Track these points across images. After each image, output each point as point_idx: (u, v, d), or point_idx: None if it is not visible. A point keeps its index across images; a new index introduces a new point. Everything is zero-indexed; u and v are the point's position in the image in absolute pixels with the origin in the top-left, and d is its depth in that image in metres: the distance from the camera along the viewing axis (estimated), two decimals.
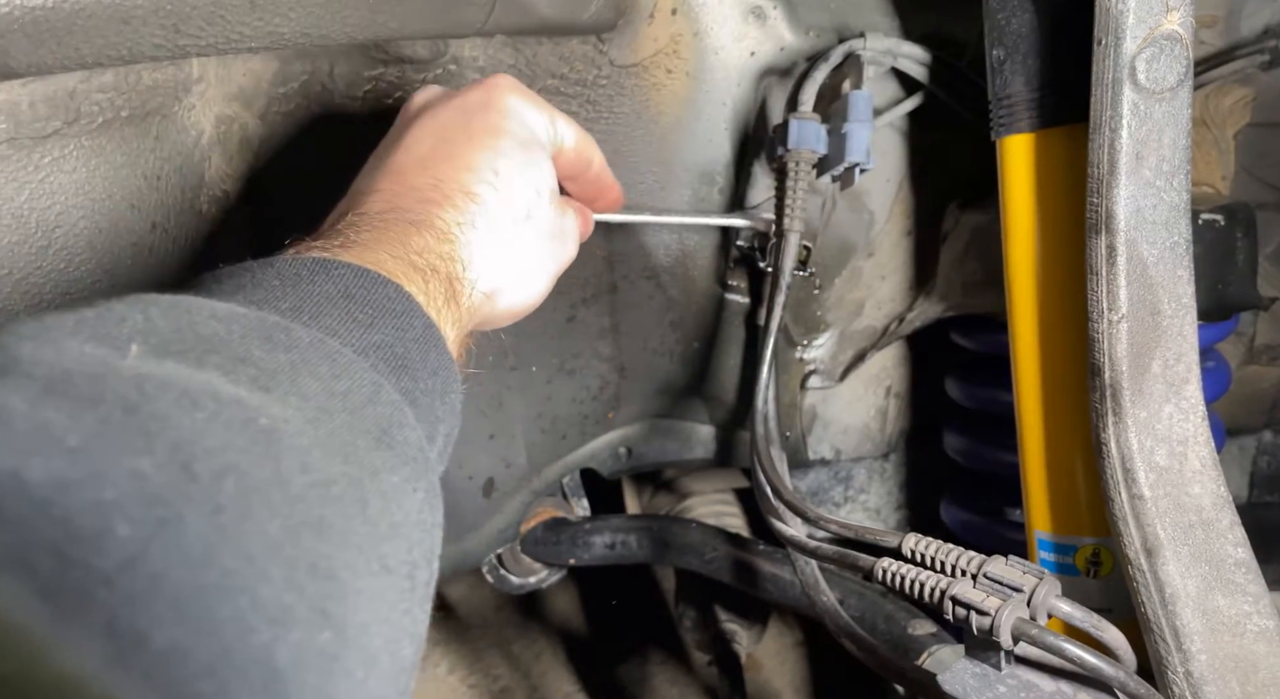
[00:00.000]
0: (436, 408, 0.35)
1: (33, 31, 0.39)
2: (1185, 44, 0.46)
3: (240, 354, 0.28)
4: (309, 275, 0.35)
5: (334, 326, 0.33)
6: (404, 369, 0.34)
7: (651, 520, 0.84)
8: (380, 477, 0.29)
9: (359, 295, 0.34)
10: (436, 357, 0.36)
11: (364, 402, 0.30)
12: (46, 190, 0.47)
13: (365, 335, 0.33)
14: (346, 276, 0.35)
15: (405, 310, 0.35)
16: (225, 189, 0.59)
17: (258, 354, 0.29)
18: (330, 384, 0.30)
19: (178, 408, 0.24)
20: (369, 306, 0.34)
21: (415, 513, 0.30)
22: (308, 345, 0.30)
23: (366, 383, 0.31)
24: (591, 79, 0.65)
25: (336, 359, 0.31)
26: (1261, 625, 0.48)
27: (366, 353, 0.33)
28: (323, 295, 0.34)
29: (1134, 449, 0.48)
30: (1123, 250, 0.47)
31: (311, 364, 0.30)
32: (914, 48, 0.66)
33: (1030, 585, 0.42)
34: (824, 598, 0.62)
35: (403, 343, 0.34)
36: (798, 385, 0.80)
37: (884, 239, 0.76)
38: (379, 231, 0.39)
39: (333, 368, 0.30)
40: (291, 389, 0.28)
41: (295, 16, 0.47)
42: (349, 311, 0.34)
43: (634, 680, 1.16)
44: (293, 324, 0.31)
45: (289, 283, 0.34)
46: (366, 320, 0.34)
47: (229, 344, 0.28)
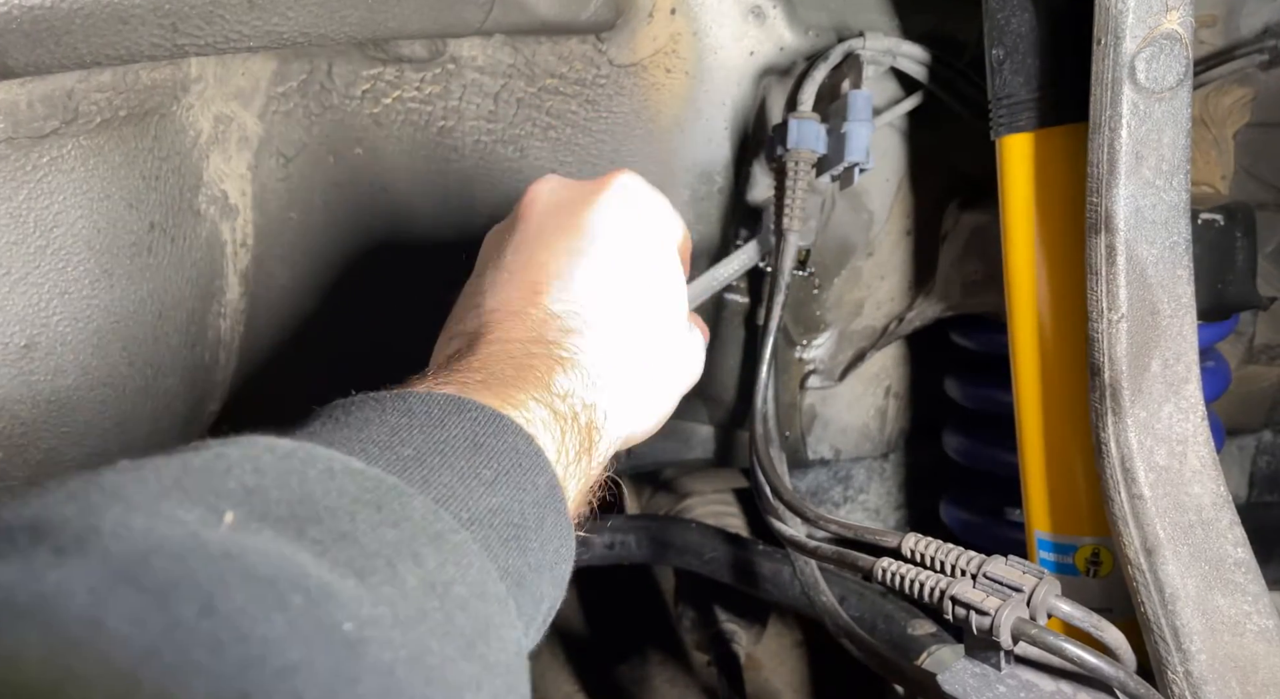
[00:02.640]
0: (544, 585, 0.34)
1: (31, 31, 0.39)
2: (1185, 44, 0.46)
3: (344, 529, 0.27)
4: (439, 416, 0.33)
5: (453, 485, 0.31)
6: (516, 541, 0.32)
7: (651, 520, 0.84)
8: (464, 694, 0.27)
9: (487, 445, 0.33)
10: (554, 521, 0.34)
11: (464, 599, 0.28)
12: (45, 190, 0.47)
13: (484, 498, 0.31)
14: (479, 422, 0.33)
15: (532, 466, 0.34)
16: (224, 188, 0.59)
17: (362, 528, 0.27)
18: (433, 574, 0.28)
19: (258, 607, 0.23)
20: (495, 460, 0.33)
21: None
22: (418, 522, 0.28)
23: (472, 576, 0.29)
24: (590, 78, 0.65)
25: (443, 542, 0.29)
26: (1261, 625, 0.48)
27: (480, 522, 0.31)
28: (450, 443, 0.32)
29: (1133, 449, 0.48)
30: (1122, 250, 0.47)
31: (417, 547, 0.28)
32: (913, 47, 0.66)
33: (1030, 585, 0.42)
34: (823, 598, 0.62)
35: (521, 507, 0.33)
36: (797, 385, 0.80)
37: (883, 239, 0.76)
38: (522, 367, 0.37)
39: (439, 553, 0.28)
40: (389, 577, 0.26)
41: (294, 16, 0.47)
42: (473, 466, 0.32)
43: (633, 680, 1.16)
44: (409, 491, 0.29)
45: (418, 424, 0.32)
46: (490, 478, 0.32)
47: (335, 513, 0.27)
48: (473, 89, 0.63)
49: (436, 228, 0.67)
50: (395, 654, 0.25)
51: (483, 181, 0.65)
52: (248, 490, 0.26)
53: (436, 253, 0.66)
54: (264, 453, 0.28)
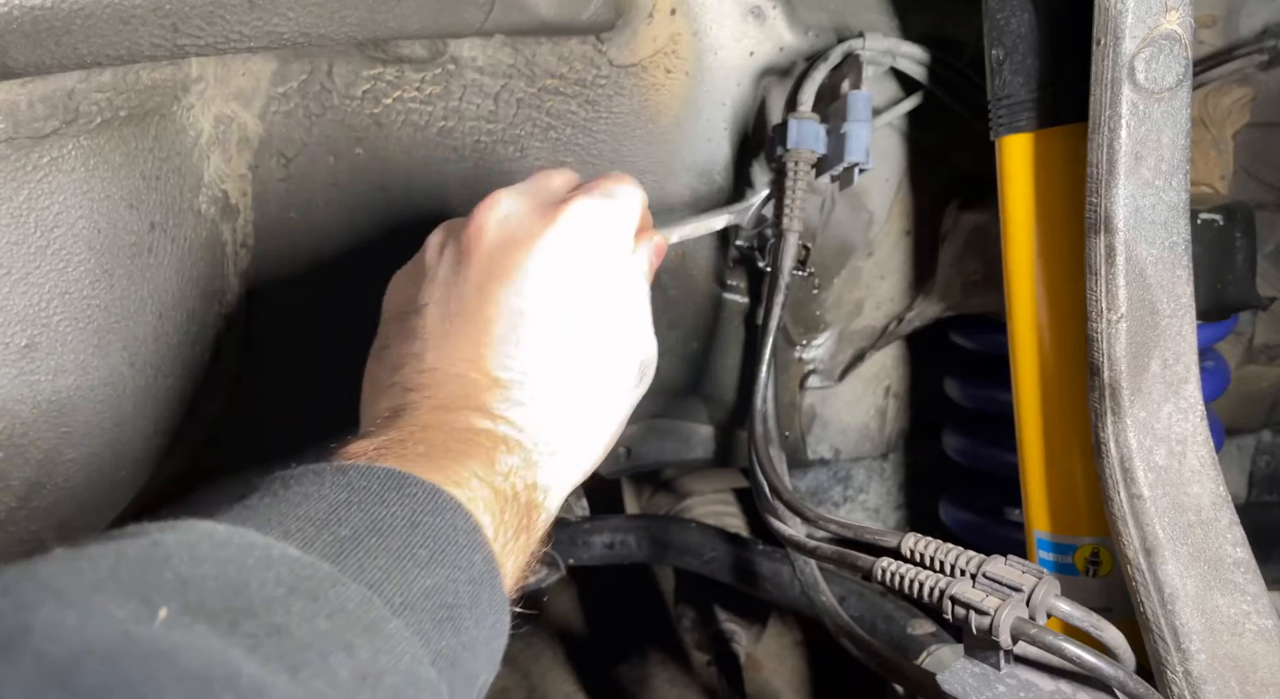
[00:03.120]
0: (479, 662, 0.34)
1: (31, 31, 0.39)
2: (1184, 44, 0.46)
3: (278, 622, 0.27)
4: (379, 493, 0.33)
5: (388, 568, 0.31)
6: (450, 621, 0.32)
7: (650, 520, 0.84)
8: None
9: (424, 524, 0.33)
10: (489, 598, 0.35)
11: (397, 688, 0.29)
12: (45, 190, 0.47)
13: (419, 579, 0.32)
14: (418, 500, 0.34)
15: (468, 544, 0.34)
16: (224, 188, 0.59)
17: (296, 621, 0.27)
18: (366, 665, 0.28)
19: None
20: (432, 539, 0.33)
21: None
22: (352, 612, 0.29)
23: (404, 665, 0.29)
24: (591, 79, 0.65)
25: (376, 633, 0.29)
26: (1260, 625, 0.48)
27: (413, 606, 0.31)
28: (388, 522, 0.32)
29: (1133, 449, 0.48)
30: (1121, 250, 0.47)
31: (350, 637, 0.28)
32: (913, 47, 0.66)
33: (1029, 585, 0.42)
34: (823, 598, 0.62)
35: (455, 586, 0.33)
36: (797, 385, 0.80)
37: (883, 239, 0.76)
38: (466, 441, 0.37)
39: (372, 644, 0.29)
40: (320, 670, 0.27)
41: (294, 16, 0.47)
42: (409, 546, 0.32)
43: (633, 680, 1.16)
44: (343, 580, 0.29)
45: (357, 501, 0.33)
46: (425, 558, 0.32)
47: (270, 604, 0.27)
48: (473, 89, 0.63)
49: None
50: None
51: (483, 182, 0.65)
52: (183, 582, 0.26)
53: None
54: (201, 540, 0.28)
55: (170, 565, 0.26)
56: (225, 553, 0.28)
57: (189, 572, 0.26)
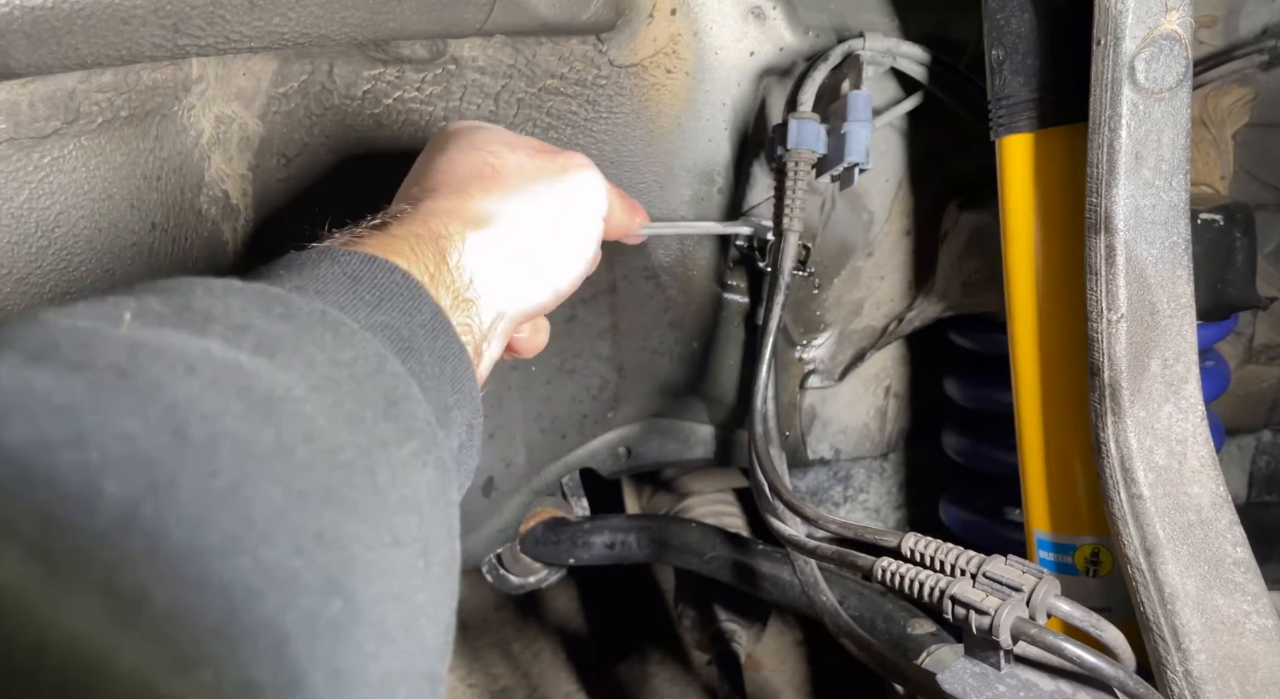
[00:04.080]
0: (446, 394, 0.34)
1: (32, 31, 0.39)
2: (1184, 44, 0.46)
3: (240, 322, 0.27)
4: (314, 261, 0.34)
5: (339, 303, 0.32)
6: (410, 351, 0.33)
7: (651, 520, 0.84)
8: (389, 448, 0.28)
9: (366, 278, 0.34)
10: (445, 343, 0.35)
11: (370, 372, 0.29)
12: (46, 190, 0.47)
13: (370, 315, 0.33)
14: (354, 262, 0.34)
15: (413, 295, 0.35)
16: (225, 189, 0.59)
17: (259, 323, 0.28)
18: (334, 353, 0.29)
19: (172, 373, 0.24)
20: (375, 289, 0.34)
21: (425, 487, 0.29)
22: (309, 315, 0.30)
23: (371, 353, 0.30)
24: (591, 79, 0.65)
25: (340, 330, 0.30)
26: (1260, 625, 0.48)
27: (371, 331, 0.32)
28: (328, 277, 0.33)
29: (1133, 449, 0.48)
30: (1122, 250, 0.47)
31: (314, 333, 0.29)
32: (913, 48, 0.66)
33: (1029, 585, 0.42)
34: (823, 597, 0.62)
35: (409, 327, 0.34)
36: (797, 385, 0.80)
37: (883, 239, 0.76)
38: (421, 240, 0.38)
39: (336, 338, 0.30)
40: (295, 356, 0.27)
41: (295, 16, 0.47)
42: (355, 292, 0.33)
43: (633, 680, 1.16)
44: (293, 295, 0.30)
45: (294, 268, 0.34)
46: (373, 301, 0.33)
47: (228, 315, 0.28)
48: (473, 89, 0.63)
49: None
50: (315, 406, 0.26)
51: None
52: (138, 307, 0.27)
53: None
54: (143, 290, 0.28)
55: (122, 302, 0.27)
56: (169, 290, 0.28)
57: (139, 303, 0.27)
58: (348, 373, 0.29)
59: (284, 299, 0.30)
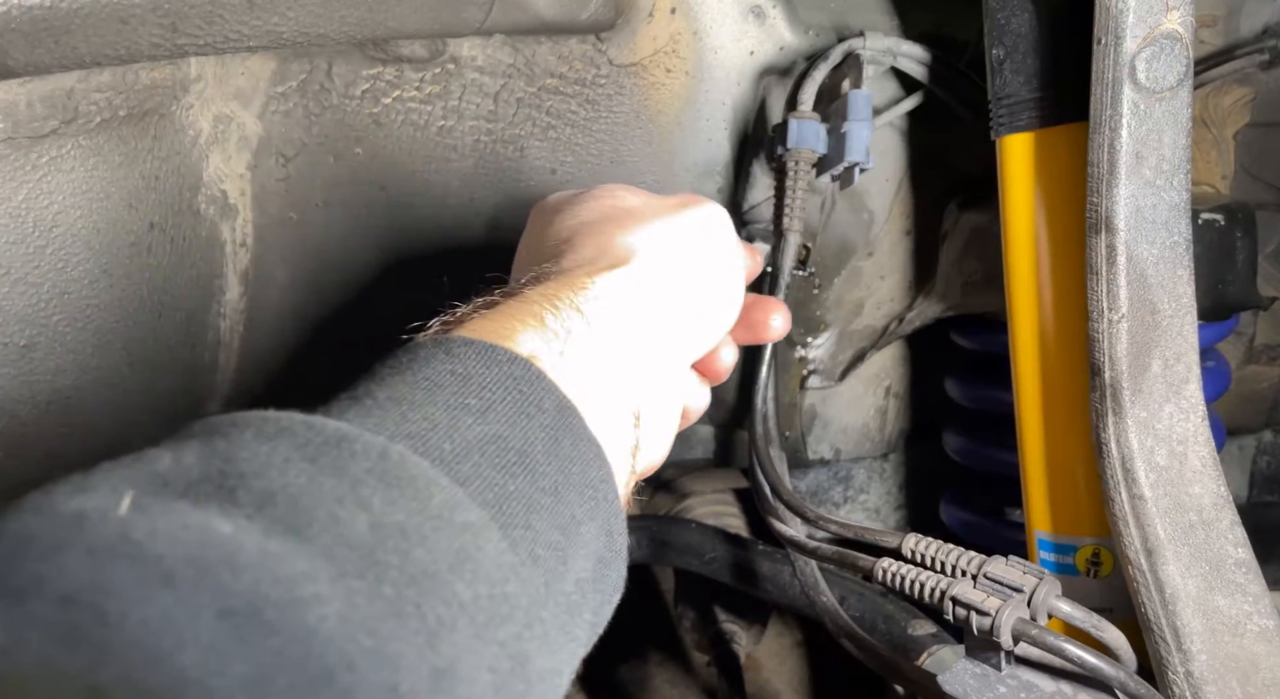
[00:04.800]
0: (572, 507, 0.29)
1: (30, 31, 0.39)
2: (1185, 43, 0.46)
3: (274, 487, 0.23)
4: (425, 358, 0.29)
5: (433, 421, 0.27)
6: (518, 468, 0.27)
7: (651, 521, 0.84)
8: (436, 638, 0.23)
9: (477, 376, 0.28)
10: (572, 444, 0.29)
11: (426, 534, 0.24)
12: (44, 190, 0.47)
13: (471, 429, 0.27)
14: (468, 356, 0.29)
15: (534, 391, 0.29)
16: (223, 188, 0.59)
17: (296, 484, 0.23)
18: (381, 516, 0.24)
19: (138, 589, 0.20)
20: (486, 390, 0.28)
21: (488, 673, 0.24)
22: (362, 461, 0.24)
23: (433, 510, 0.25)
24: (591, 78, 0.65)
25: (396, 481, 0.24)
26: (1262, 625, 0.47)
27: (466, 454, 0.27)
28: (433, 381, 0.28)
29: (1134, 449, 0.48)
30: (1122, 250, 0.47)
31: (362, 491, 0.24)
32: (914, 47, 0.66)
33: (1030, 585, 0.42)
34: (824, 598, 0.62)
35: (524, 432, 0.28)
36: (797, 385, 0.80)
37: (884, 239, 0.76)
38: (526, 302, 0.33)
39: (386, 494, 0.24)
40: (326, 532, 0.23)
41: (293, 15, 0.47)
42: (461, 399, 0.28)
43: (633, 680, 1.16)
44: (354, 433, 0.25)
45: (400, 369, 0.29)
46: (480, 407, 0.28)
47: (263, 476, 0.23)
48: (472, 89, 0.63)
49: (436, 228, 0.67)
50: (324, 613, 0.21)
51: (482, 182, 0.65)
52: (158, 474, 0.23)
53: (436, 253, 0.66)
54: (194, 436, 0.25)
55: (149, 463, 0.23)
56: (214, 441, 0.24)
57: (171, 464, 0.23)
58: (394, 543, 0.23)
59: (339, 441, 0.25)
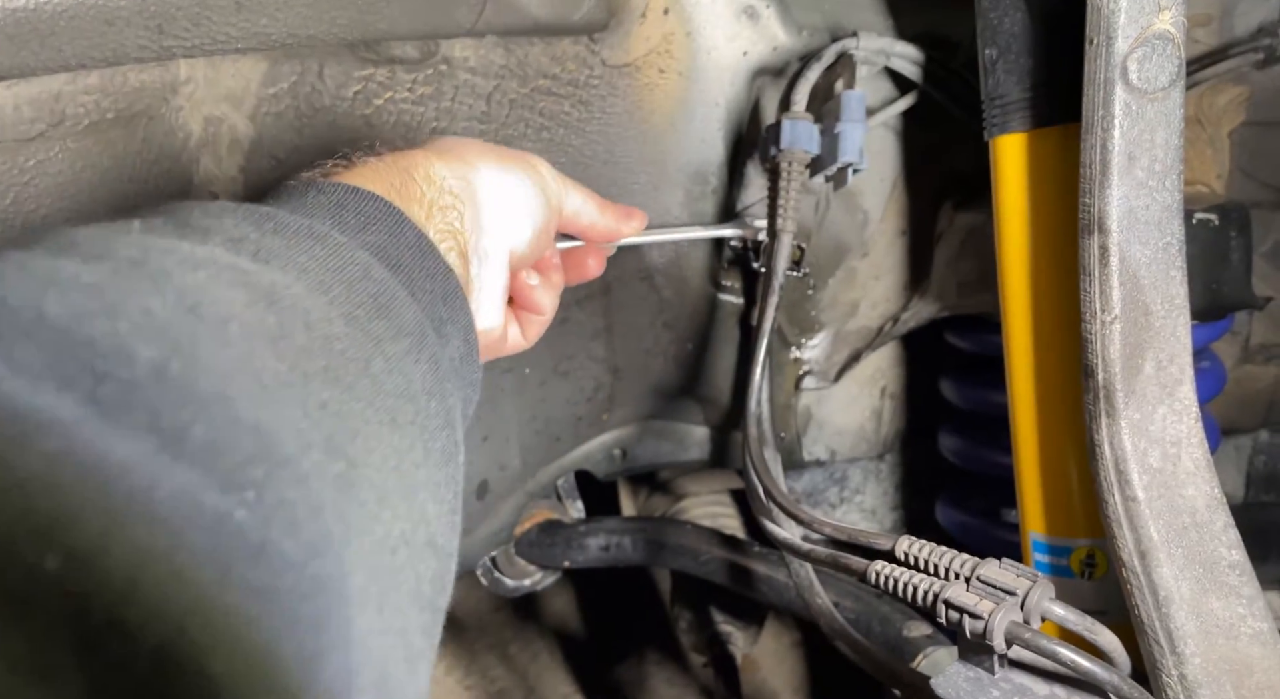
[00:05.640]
0: (439, 309, 0.36)
1: (15, 33, 0.39)
2: (1177, 44, 0.45)
3: (236, 235, 0.30)
4: (301, 190, 0.36)
5: (324, 227, 0.34)
6: (398, 268, 0.34)
7: (646, 522, 0.84)
8: (382, 343, 0.30)
9: (350, 205, 0.35)
10: (434, 262, 0.36)
11: (358, 277, 0.31)
12: (32, 193, 0.47)
13: (357, 237, 0.34)
14: (338, 191, 0.36)
15: (396, 221, 0.36)
16: (214, 191, 0.59)
17: (253, 235, 0.30)
18: (324, 261, 0.31)
19: (180, 267, 0.26)
20: (360, 215, 0.35)
21: (420, 380, 0.31)
22: (298, 230, 0.32)
23: (358, 262, 0.32)
24: (584, 79, 0.64)
25: (327, 242, 0.32)
26: (1256, 628, 0.47)
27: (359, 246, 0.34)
28: (315, 204, 0.35)
29: (1127, 451, 0.48)
30: (1115, 251, 0.47)
31: (304, 245, 0.31)
32: (907, 47, 0.65)
33: (1024, 588, 0.42)
34: (818, 600, 0.61)
35: (396, 247, 0.35)
36: (792, 386, 0.79)
37: (878, 239, 0.75)
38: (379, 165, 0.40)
39: (325, 248, 0.32)
40: (289, 263, 0.30)
41: (282, 17, 0.46)
42: (340, 217, 0.35)
43: (631, 681, 1.16)
44: (283, 213, 0.32)
45: (282, 197, 0.36)
46: (358, 225, 0.35)
47: (224, 229, 0.30)
48: (465, 90, 0.62)
49: None
50: (312, 302, 0.28)
51: None
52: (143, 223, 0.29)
53: None
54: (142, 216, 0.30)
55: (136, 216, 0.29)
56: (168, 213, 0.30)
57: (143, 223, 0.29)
58: (337, 277, 0.31)
59: (274, 216, 0.32)
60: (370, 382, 0.28)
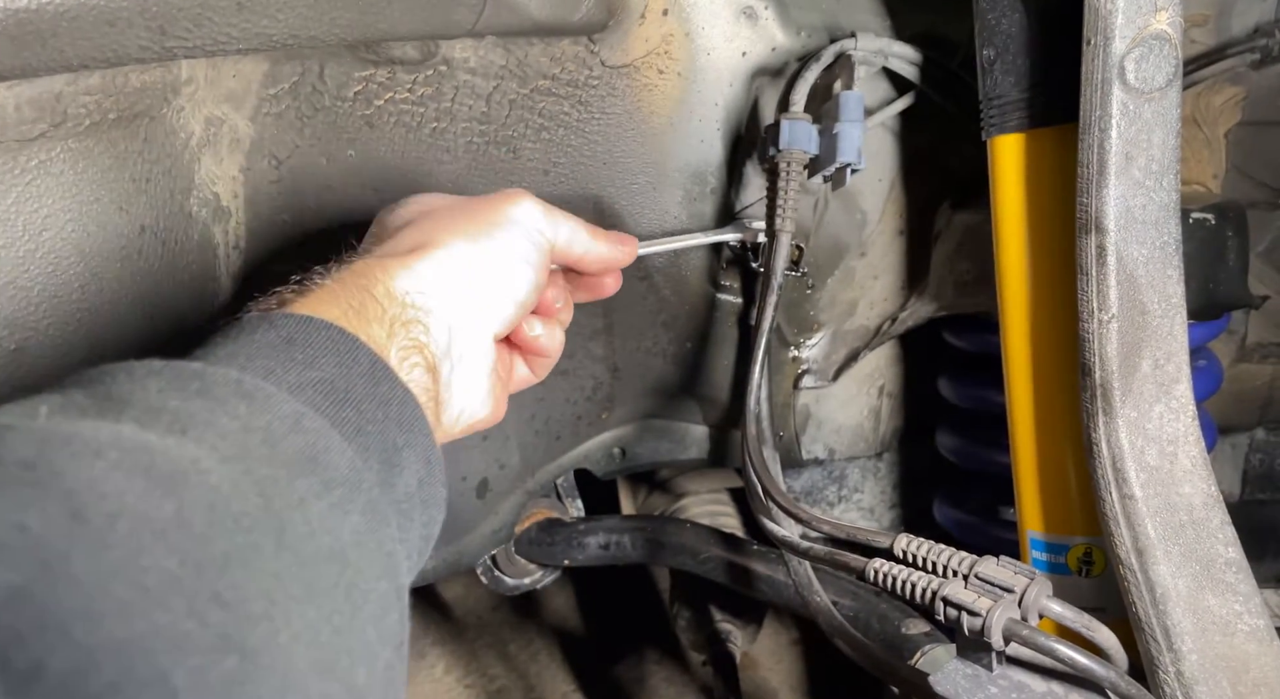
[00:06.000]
0: (393, 435, 0.35)
1: (16, 34, 0.39)
2: (1174, 44, 0.46)
3: (155, 405, 0.29)
4: (252, 327, 0.35)
5: (269, 368, 0.33)
6: (345, 402, 0.34)
7: (646, 521, 0.84)
8: (305, 504, 0.29)
9: (300, 339, 0.35)
10: (389, 388, 0.36)
11: (285, 432, 0.31)
12: (33, 193, 0.47)
13: (303, 374, 0.34)
14: (289, 325, 0.35)
15: (349, 349, 0.36)
16: (216, 191, 0.59)
17: (173, 403, 0.30)
18: (248, 421, 0.30)
19: (76, 460, 0.26)
20: (309, 348, 0.35)
21: (349, 534, 0.30)
22: (224, 387, 0.31)
23: (287, 415, 0.32)
24: (583, 80, 0.64)
25: (255, 396, 0.31)
26: (1252, 625, 0.48)
27: (301, 389, 0.33)
28: (263, 342, 0.34)
29: (1124, 449, 0.48)
30: (1112, 250, 0.47)
31: (228, 406, 0.30)
32: (905, 48, 0.66)
33: (1021, 586, 0.42)
34: (817, 598, 0.62)
35: (347, 378, 0.35)
36: (791, 385, 0.80)
37: (877, 239, 0.76)
38: (337, 286, 0.39)
39: (251, 405, 0.31)
40: (208, 430, 0.29)
41: (283, 18, 0.47)
42: (288, 354, 0.34)
43: (630, 680, 1.16)
44: (212, 369, 0.32)
45: (231, 336, 0.35)
46: (306, 360, 0.34)
47: (145, 398, 0.29)
48: (465, 90, 0.63)
49: None
50: (219, 478, 0.28)
51: (475, 183, 0.65)
52: (59, 403, 0.29)
53: None
54: (68, 386, 0.30)
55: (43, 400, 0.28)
56: (90, 381, 0.30)
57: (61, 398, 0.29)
58: (261, 437, 0.30)
59: (201, 374, 0.31)
60: (284, 553, 0.28)
